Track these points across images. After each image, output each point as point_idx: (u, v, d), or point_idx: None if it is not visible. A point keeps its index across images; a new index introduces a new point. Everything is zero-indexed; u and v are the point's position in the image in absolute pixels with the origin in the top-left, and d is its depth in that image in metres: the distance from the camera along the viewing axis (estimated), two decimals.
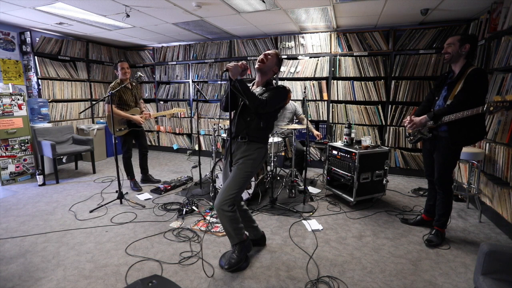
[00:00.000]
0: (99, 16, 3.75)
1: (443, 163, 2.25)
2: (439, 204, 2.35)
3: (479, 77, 2.02)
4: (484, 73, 2.05)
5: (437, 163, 2.29)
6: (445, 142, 2.19)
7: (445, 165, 2.24)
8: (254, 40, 4.86)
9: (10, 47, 4.29)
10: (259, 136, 1.92)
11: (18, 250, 2.22)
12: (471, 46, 2.10)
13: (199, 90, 3.68)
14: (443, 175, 2.26)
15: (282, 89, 1.93)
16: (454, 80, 2.16)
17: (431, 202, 2.53)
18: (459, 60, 2.16)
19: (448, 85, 2.22)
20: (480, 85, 2.03)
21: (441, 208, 2.33)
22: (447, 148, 2.20)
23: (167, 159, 5.41)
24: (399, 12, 3.53)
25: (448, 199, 2.31)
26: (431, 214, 2.55)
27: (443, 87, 2.28)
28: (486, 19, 3.15)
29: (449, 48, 2.17)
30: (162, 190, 3.47)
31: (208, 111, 5.48)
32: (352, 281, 1.86)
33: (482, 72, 2.04)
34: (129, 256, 2.14)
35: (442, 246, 2.30)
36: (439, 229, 2.35)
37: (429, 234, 2.39)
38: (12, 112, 3.83)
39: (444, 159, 2.24)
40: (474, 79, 2.03)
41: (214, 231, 2.49)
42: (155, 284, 1.56)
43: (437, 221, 2.37)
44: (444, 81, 2.30)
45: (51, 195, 3.41)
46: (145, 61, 5.97)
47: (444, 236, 2.38)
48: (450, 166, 2.26)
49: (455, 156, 2.24)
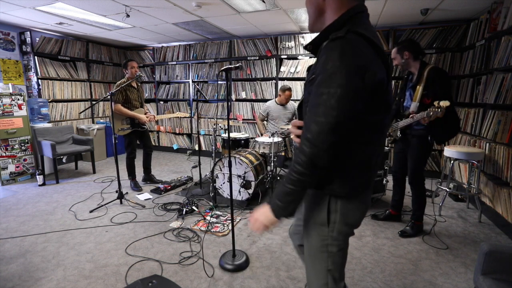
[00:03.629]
0: (99, 16, 3.74)
1: (417, 160, 2.35)
2: (414, 199, 2.46)
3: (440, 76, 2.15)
4: (442, 71, 2.21)
5: (411, 160, 2.38)
6: (421, 140, 2.28)
7: (419, 161, 2.35)
8: (254, 40, 4.86)
9: (10, 47, 4.29)
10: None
11: (18, 250, 2.22)
12: (410, 50, 2.22)
13: (199, 90, 3.67)
14: (416, 171, 2.37)
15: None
16: (416, 82, 2.26)
17: (397, 198, 2.68)
18: (410, 64, 2.29)
19: (411, 87, 2.33)
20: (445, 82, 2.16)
21: (416, 203, 2.45)
22: (423, 146, 2.30)
23: (167, 159, 5.41)
24: (399, 12, 3.53)
25: (422, 194, 2.43)
26: (397, 209, 2.71)
27: (407, 89, 2.40)
28: (486, 19, 3.15)
29: (395, 61, 2.34)
30: (162, 190, 3.47)
31: (208, 111, 5.48)
32: (352, 281, 1.86)
33: (439, 71, 2.18)
34: (129, 256, 2.14)
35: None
36: (416, 222, 2.48)
37: (405, 227, 2.51)
38: (12, 112, 3.83)
39: (419, 156, 2.33)
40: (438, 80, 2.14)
41: (214, 231, 2.49)
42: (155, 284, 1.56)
43: (413, 215, 2.50)
44: (406, 84, 2.41)
45: (51, 195, 3.41)
46: (145, 61, 5.97)
47: (421, 228, 2.50)
48: (423, 163, 2.37)
49: (428, 152, 2.38)
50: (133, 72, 3.39)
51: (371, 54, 0.78)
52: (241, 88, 5.11)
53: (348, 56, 0.75)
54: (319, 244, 0.98)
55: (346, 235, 0.98)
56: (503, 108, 2.68)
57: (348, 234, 0.99)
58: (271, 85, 4.88)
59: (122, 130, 3.43)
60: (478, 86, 3.16)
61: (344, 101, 0.75)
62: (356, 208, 0.94)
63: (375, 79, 0.77)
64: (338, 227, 0.94)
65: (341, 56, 0.75)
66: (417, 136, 2.29)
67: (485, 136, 2.86)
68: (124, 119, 3.42)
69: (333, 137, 0.76)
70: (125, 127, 3.44)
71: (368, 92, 0.77)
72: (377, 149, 0.90)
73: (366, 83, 0.76)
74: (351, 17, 0.83)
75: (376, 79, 0.78)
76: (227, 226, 2.58)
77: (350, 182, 0.88)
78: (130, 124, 3.46)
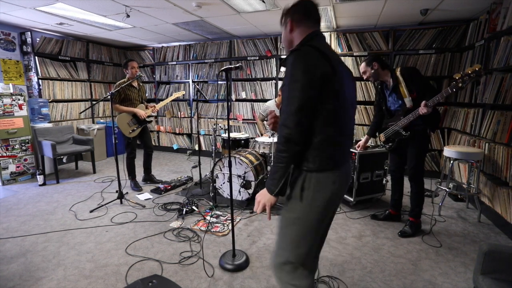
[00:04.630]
0: (99, 16, 3.75)
1: (418, 156, 2.38)
2: (413, 195, 2.47)
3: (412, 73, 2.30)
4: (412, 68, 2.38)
5: (412, 157, 2.41)
6: (421, 133, 2.35)
7: (420, 156, 2.39)
8: (254, 40, 4.86)
9: (10, 47, 4.30)
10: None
11: (18, 250, 2.22)
12: (377, 61, 2.36)
13: (199, 90, 3.68)
14: (417, 167, 2.39)
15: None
16: (395, 84, 2.34)
17: (396, 196, 2.69)
18: (380, 74, 2.39)
19: (392, 91, 2.41)
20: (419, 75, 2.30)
21: (415, 199, 2.46)
22: (423, 141, 2.38)
23: (167, 159, 5.41)
24: (399, 12, 3.53)
25: (421, 191, 2.44)
26: (397, 209, 2.72)
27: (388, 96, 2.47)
28: (485, 19, 3.16)
29: (365, 75, 2.43)
30: (162, 190, 3.48)
31: (208, 111, 5.49)
32: (352, 281, 1.87)
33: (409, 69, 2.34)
34: (129, 256, 2.14)
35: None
36: (414, 220, 2.49)
37: (404, 227, 2.51)
38: (12, 112, 3.84)
39: (420, 150, 2.38)
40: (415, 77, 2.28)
41: (214, 231, 2.49)
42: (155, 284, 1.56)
43: (411, 211, 2.50)
44: (383, 91, 2.50)
45: (51, 195, 3.41)
46: (145, 61, 5.97)
47: (419, 227, 2.51)
48: (424, 157, 2.43)
49: (428, 145, 2.44)
50: (133, 72, 3.40)
51: (318, 56, 1.07)
52: (241, 88, 5.12)
53: (300, 61, 1.06)
54: (293, 215, 1.16)
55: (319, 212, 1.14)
56: (502, 108, 2.69)
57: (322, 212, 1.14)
58: (271, 85, 4.88)
59: (133, 131, 3.45)
60: (478, 86, 3.17)
61: (303, 90, 1.04)
62: (328, 180, 1.12)
63: (321, 71, 1.05)
64: (309, 202, 1.13)
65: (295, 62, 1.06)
66: (418, 132, 2.34)
67: (485, 136, 2.87)
68: (130, 121, 3.43)
69: (298, 117, 1.04)
70: (135, 128, 3.46)
71: (318, 81, 1.05)
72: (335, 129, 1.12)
73: (315, 75, 1.04)
74: (308, 39, 1.17)
75: (322, 71, 1.05)
76: (227, 226, 2.59)
77: (319, 157, 1.10)
78: (137, 123, 3.48)
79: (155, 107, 3.67)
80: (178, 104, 5.75)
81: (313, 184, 1.11)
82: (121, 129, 3.38)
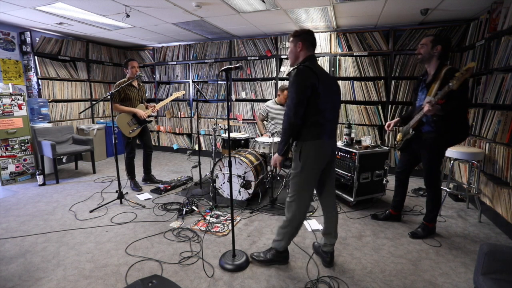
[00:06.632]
0: (99, 16, 3.75)
1: (429, 162, 2.31)
2: (428, 200, 2.43)
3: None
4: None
5: (424, 163, 2.35)
6: (432, 142, 2.24)
7: (432, 163, 2.31)
8: (254, 40, 4.86)
9: (10, 47, 4.29)
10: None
11: (18, 250, 2.22)
12: (443, 48, 2.15)
13: (199, 90, 3.67)
14: (430, 173, 2.33)
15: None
16: (430, 81, 2.21)
17: (398, 198, 2.65)
18: (431, 61, 2.21)
19: (425, 87, 2.28)
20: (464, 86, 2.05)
21: (430, 205, 2.42)
22: (434, 147, 2.26)
23: (167, 159, 5.41)
24: (399, 12, 3.53)
25: (437, 196, 2.39)
26: (397, 209, 2.70)
27: (420, 90, 2.36)
28: (486, 19, 3.15)
29: (422, 49, 2.23)
30: (162, 190, 3.47)
31: (208, 111, 5.48)
32: (352, 281, 1.86)
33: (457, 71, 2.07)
34: (129, 256, 2.14)
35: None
36: (428, 224, 2.44)
37: (417, 228, 2.48)
38: (12, 112, 3.83)
39: (431, 158, 2.30)
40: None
41: (214, 231, 2.49)
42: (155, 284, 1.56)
43: (426, 216, 2.45)
44: (419, 84, 2.37)
45: (51, 195, 3.41)
46: (145, 61, 5.97)
47: (432, 231, 2.46)
48: (436, 164, 2.32)
49: (440, 154, 2.32)
50: (133, 72, 3.40)
51: (311, 73, 1.69)
52: (241, 88, 5.11)
53: (300, 75, 1.69)
54: (296, 171, 1.83)
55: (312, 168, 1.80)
56: (503, 108, 2.68)
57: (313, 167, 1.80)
58: (271, 85, 4.88)
59: (133, 131, 3.45)
60: (478, 86, 3.16)
61: (299, 93, 1.67)
62: (315, 145, 1.77)
63: (311, 82, 1.68)
64: (304, 160, 1.78)
65: (297, 75, 1.70)
66: (430, 138, 2.24)
67: (485, 136, 2.86)
68: (129, 121, 3.43)
69: (296, 109, 1.69)
70: (134, 128, 3.45)
71: (309, 87, 1.68)
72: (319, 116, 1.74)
73: (307, 84, 1.67)
74: (307, 59, 1.80)
75: (311, 82, 1.68)
76: (227, 226, 2.58)
77: (310, 132, 1.76)
78: (137, 123, 3.47)
79: (155, 107, 3.67)
80: (178, 104, 5.75)
81: (306, 148, 1.77)
82: (121, 129, 3.38)
